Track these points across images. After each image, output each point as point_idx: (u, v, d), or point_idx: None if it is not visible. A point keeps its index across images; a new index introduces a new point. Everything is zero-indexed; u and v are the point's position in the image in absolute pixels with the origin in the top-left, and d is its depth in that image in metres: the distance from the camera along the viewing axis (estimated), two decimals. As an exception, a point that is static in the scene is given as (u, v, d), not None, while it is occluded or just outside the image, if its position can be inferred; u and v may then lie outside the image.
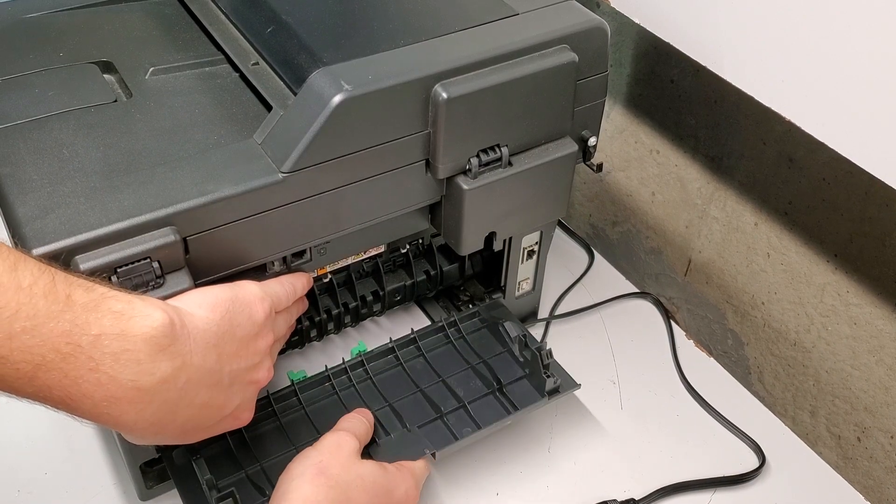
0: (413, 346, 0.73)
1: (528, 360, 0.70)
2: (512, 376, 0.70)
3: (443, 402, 0.68)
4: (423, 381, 0.70)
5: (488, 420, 0.67)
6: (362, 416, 0.64)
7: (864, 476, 0.78)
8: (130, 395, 0.47)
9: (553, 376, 0.68)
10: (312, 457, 0.58)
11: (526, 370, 0.71)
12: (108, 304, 0.46)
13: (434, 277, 0.76)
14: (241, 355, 0.54)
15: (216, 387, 0.52)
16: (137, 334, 0.46)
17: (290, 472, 0.57)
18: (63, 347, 0.44)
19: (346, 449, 0.59)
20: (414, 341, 0.73)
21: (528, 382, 0.70)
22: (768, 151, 0.78)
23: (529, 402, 0.68)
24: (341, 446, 0.59)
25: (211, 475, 0.60)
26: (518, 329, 0.72)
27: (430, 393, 0.69)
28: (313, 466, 0.57)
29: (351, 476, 0.57)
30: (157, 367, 0.47)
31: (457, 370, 0.71)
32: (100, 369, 0.45)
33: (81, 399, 0.46)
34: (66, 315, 0.44)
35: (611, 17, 0.82)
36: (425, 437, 0.65)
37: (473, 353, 0.72)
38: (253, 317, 0.55)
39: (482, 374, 0.71)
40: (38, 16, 0.72)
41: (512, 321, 0.73)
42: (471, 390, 0.70)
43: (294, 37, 0.64)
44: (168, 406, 0.49)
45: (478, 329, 0.75)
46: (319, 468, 0.57)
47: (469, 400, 0.68)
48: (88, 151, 0.58)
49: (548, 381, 0.67)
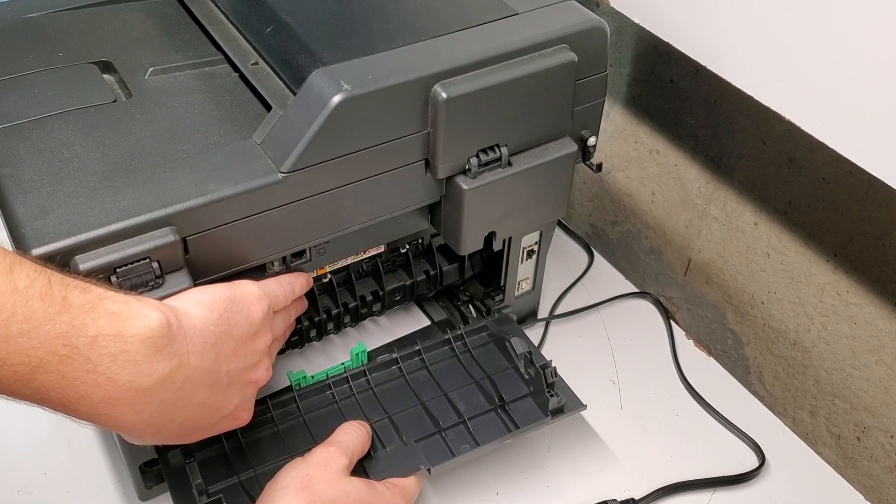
0: (417, 358, 0.72)
1: (532, 378, 0.69)
2: (516, 394, 0.69)
3: (443, 416, 0.67)
4: (425, 394, 0.69)
5: (488, 437, 0.66)
6: (360, 429, 0.64)
7: (864, 476, 0.78)
8: (128, 395, 0.47)
9: (557, 395, 0.66)
10: (300, 469, 0.58)
11: (531, 388, 0.69)
12: (104, 305, 0.46)
13: (434, 277, 0.76)
14: (238, 355, 0.54)
15: (214, 386, 0.52)
16: (134, 335, 0.46)
17: (277, 482, 0.58)
18: (60, 349, 0.44)
19: (334, 466, 0.59)
20: (419, 353, 0.72)
21: (532, 400, 0.69)
22: (768, 151, 0.78)
23: (532, 421, 0.67)
24: (329, 463, 0.59)
25: (202, 479, 0.60)
26: (525, 346, 0.71)
27: (430, 406, 0.68)
28: (299, 479, 0.57)
29: (336, 493, 0.57)
30: (155, 367, 0.47)
31: (460, 385, 0.70)
32: (97, 370, 0.45)
33: (79, 400, 0.46)
34: (63, 317, 0.44)
35: (610, 17, 0.82)
36: (421, 452, 0.65)
37: (478, 368, 0.71)
38: (251, 316, 0.55)
39: (486, 389, 0.70)
40: (38, 16, 0.72)
41: (519, 337, 0.72)
42: (473, 406, 0.68)
43: (294, 37, 0.64)
44: (166, 406, 0.49)
45: (485, 343, 0.74)
46: (304, 482, 0.57)
47: (470, 416, 0.67)
48: (88, 151, 0.58)
49: (551, 399, 0.66)
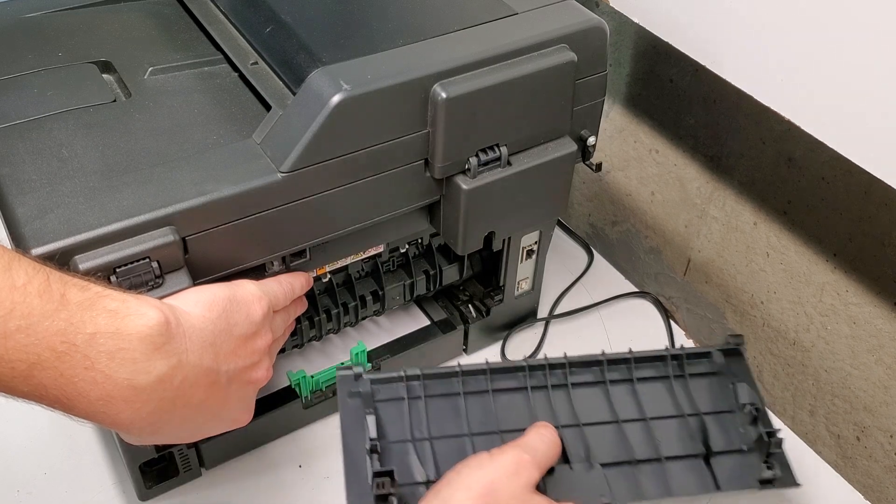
0: (625, 366, 0.64)
1: (749, 434, 0.62)
2: (727, 446, 0.61)
3: (640, 446, 0.60)
4: (624, 413, 0.61)
5: (683, 488, 0.58)
6: (556, 438, 0.58)
7: (864, 475, 0.78)
8: (126, 393, 0.47)
9: (774, 468, 0.60)
10: (487, 471, 0.54)
11: (744, 447, 0.61)
12: (102, 302, 0.46)
13: (433, 277, 0.76)
14: (238, 354, 0.54)
15: (213, 386, 0.52)
16: (132, 333, 0.46)
17: (459, 477, 0.53)
18: (58, 346, 0.44)
19: (525, 478, 0.54)
20: (628, 361, 0.64)
21: (742, 460, 0.61)
22: (767, 151, 0.78)
23: (737, 485, 0.59)
24: (520, 472, 0.54)
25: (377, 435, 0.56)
26: (752, 397, 0.63)
27: (628, 430, 0.60)
28: (484, 485, 0.53)
29: None
30: (153, 365, 0.47)
31: (665, 414, 0.62)
32: (95, 368, 0.45)
33: (77, 398, 0.46)
34: (61, 314, 0.44)
35: (610, 17, 0.82)
36: (606, 481, 0.58)
37: (690, 402, 0.63)
38: (250, 316, 0.55)
39: (693, 429, 0.62)
40: (38, 16, 0.72)
41: (748, 384, 0.64)
42: (674, 444, 0.61)
43: (293, 36, 0.64)
44: (165, 405, 0.49)
45: (704, 374, 0.65)
46: (490, 488, 0.53)
47: (669, 455, 0.60)
48: (87, 151, 0.58)
49: (766, 471, 0.59)
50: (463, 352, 0.81)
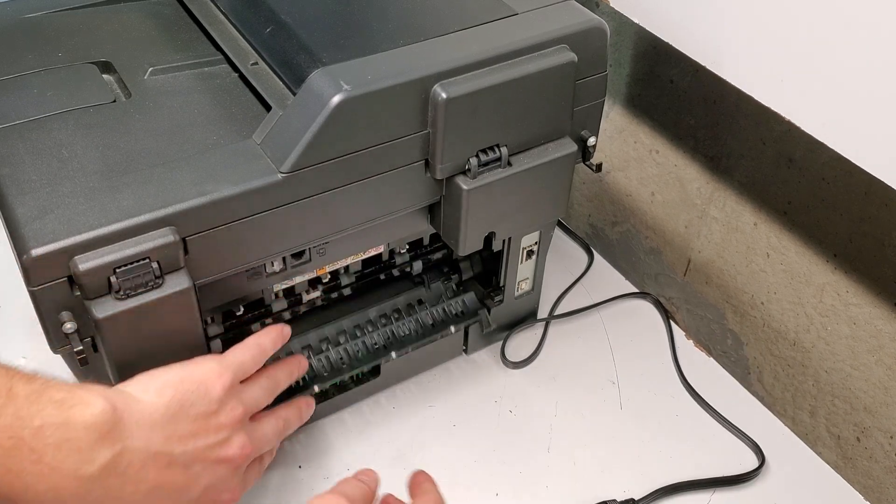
0: None
1: None
2: None
3: None
4: None
5: None
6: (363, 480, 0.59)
7: (864, 476, 0.78)
8: (73, 484, 0.46)
9: None
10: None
11: None
12: (49, 393, 0.46)
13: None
14: (198, 434, 0.53)
15: (169, 468, 0.51)
16: (79, 422, 0.46)
17: None
18: (5, 442, 0.44)
19: None
20: None
21: None
22: (768, 151, 0.78)
23: None
24: None
25: None
26: None
27: None
28: None
29: None
30: (97, 454, 0.47)
31: None
32: (42, 461, 0.45)
33: (24, 492, 0.45)
34: (9, 409, 0.45)
35: (610, 17, 0.82)
36: None
37: None
38: (209, 394, 0.54)
39: None
40: (38, 16, 0.72)
41: None
42: None
43: (293, 37, 0.64)
44: (112, 493, 0.48)
45: None
46: None
47: None
48: (87, 152, 0.58)
49: None
50: (463, 352, 0.81)
